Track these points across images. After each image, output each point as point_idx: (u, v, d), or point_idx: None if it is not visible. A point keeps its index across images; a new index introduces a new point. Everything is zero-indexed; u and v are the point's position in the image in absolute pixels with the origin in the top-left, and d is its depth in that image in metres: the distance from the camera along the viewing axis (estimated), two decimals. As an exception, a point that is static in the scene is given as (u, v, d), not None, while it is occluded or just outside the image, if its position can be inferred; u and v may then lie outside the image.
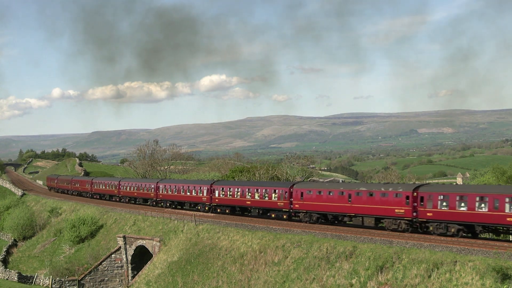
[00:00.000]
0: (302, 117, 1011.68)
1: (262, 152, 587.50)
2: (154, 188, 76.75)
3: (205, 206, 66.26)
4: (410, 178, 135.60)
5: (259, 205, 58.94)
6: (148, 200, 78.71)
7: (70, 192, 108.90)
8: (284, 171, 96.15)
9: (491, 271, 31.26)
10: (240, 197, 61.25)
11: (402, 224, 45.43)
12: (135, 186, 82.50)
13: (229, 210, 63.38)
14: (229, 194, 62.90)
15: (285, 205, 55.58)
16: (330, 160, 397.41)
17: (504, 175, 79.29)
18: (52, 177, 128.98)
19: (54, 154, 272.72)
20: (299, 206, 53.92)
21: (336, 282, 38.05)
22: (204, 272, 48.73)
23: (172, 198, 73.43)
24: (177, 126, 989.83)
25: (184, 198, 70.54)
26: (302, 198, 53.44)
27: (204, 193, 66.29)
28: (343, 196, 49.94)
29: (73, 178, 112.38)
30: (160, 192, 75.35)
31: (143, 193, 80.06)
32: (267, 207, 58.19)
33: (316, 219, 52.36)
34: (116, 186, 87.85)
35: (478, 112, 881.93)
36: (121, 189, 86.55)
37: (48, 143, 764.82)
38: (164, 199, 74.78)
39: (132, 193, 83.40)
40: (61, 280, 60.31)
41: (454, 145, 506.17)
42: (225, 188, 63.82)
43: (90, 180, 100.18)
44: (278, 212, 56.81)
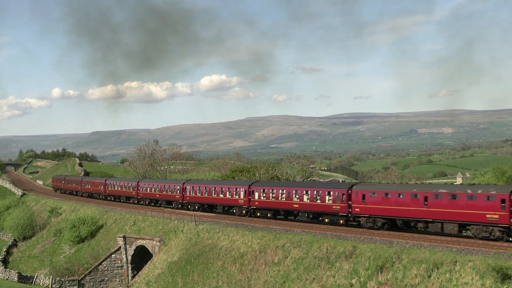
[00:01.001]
0: (302, 117, 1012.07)
1: (262, 152, 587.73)
2: (180, 190, 71.41)
3: (242, 209, 61.51)
4: (410, 178, 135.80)
5: (309, 209, 53.65)
6: (173, 203, 73.44)
7: (80, 193, 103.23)
8: (284, 171, 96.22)
9: (491, 271, 31.26)
10: (286, 200, 55.90)
11: (496, 231, 40.26)
12: (157, 188, 76.87)
13: (271, 214, 58.14)
14: (271, 197, 57.64)
15: (342, 209, 50.37)
16: (330, 160, 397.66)
17: (504, 175, 79.42)
18: (59, 177, 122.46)
19: (54, 154, 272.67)
20: (360, 210, 48.77)
21: (336, 282, 38.06)
22: (204, 272, 48.73)
23: (201, 201, 68.28)
24: (177, 126, 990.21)
25: (216, 201, 65.38)
26: (364, 201, 48.31)
27: (241, 195, 61.12)
28: (417, 199, 44.66)
29: (83, 179, 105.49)
30: (187, 194, 70.16)
31: (166, 194, 74.41)
32: (319, 211, 52.83)
33: (382, 225, 47.32)
34: (135, 187, 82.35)
35: (478, 112, 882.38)
36: (140, 190, 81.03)
37: (48, 143, 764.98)
38: (191, 201, 69.61)
39: (153, 194, 77.78)
40: (61, 280, 60.28)
41: (454, 145, 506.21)
42: (267, 189, 58.60)
43: (103, 181, 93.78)
44: (332, 217, 51.63)
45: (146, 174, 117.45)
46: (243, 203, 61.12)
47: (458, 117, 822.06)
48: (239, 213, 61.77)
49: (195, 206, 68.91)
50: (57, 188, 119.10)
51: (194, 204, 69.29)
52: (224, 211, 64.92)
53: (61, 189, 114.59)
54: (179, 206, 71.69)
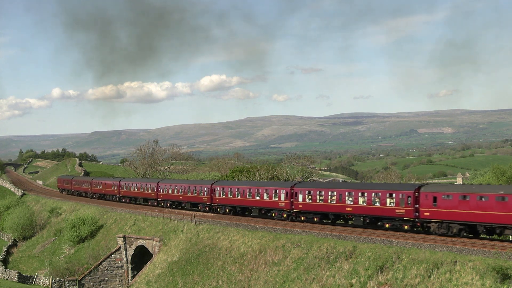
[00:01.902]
0: (302, 117, 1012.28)
1: (262, 152, 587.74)
2: (207, 191, 66.66)
3: (283, 213, 56.65)
4: (410, 178, 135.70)
5: (365, 213, 48.71)
6: (199, 205, 68.79)
7: (90, 195, 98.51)
8: (284, 171, 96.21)
9: (491, 271, 31.26)
10: (337, 203, 50.99)
11: None
12: (181, 189, 71.79)
13: (318, 218, 53.30)
14: (319, 199, 52.91)
15: (408, 213, 45.38)
16: (330, 160, 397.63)
17: (504, 175, 79.39)
18: (66, 178, 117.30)
19: (54, 154, 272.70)
20: (430, 215, 43.77)
21: (336, 282, 38.06)
22: (204, 272, 48.73)
23: (233, 203, 63.26)
24: (177, 126, 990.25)
25: (251, 203, 60.45)
26: (436, 205, 43.39)
27: (282, 197, 56.34)
28: (505, 202, 39.56)
29: (93, 179, 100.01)
30: (216, 196, 65.39)
31: (192, 196, 69.60)
32: (378, 215, 47.89)
33: (458, 231, 42.50)
34: (154, 188, 77.57)
35: (478, 112, 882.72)
36: (160, 191, 76.21)
37: (48, 143, 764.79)
38: (221, 203, 64.80)
39: (176, 196, 72.72)
40: (61, 280, 60.29)
41: (454, 145, 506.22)
42: (313, 191, 53.79)
43: (117, 182, 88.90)
44: (395, 222, 46.61)
45: (146, 174, 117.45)
46: (284, 206, 56.04)
47: (458, 117, 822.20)
48: (279, 217, 56.74)
49: (226, 209, 64.17)
50: (63, 189, 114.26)
51: (224, 207, 64.42)
52: (260, 215, 59.77)
53: (68, 190, 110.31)
54: (206, 209, 67.09)
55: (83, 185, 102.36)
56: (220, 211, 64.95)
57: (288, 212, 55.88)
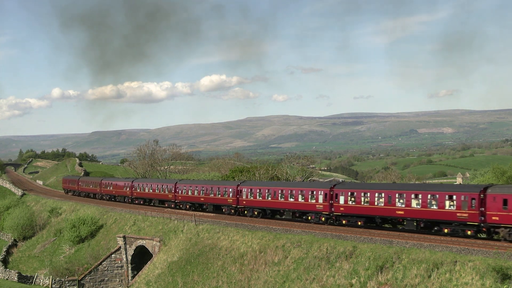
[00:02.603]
0: (302, 117, 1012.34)
1: (262, 152, 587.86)
2: (232, 192, 62.55)
3: (320, 216, 52.61)
4: (410, 178, 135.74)
5: (420, 216, 44.42)
6: (223, 207, 64.56)
7: (99, 196, 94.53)
8: (284, 171, 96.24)
9: (491, 271, 31.26)
10: (386, 205, 46.96)
11: None
12: (202, 190, 67.82)
13: (362, 221, 48.99)
14: (364, 201, 48.86)
15: (472, 217, 41.49)
16: (330, 160, 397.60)
17: (504, 175, 79.34)
18: (72, 178, 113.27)
19: (54, 154, 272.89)
20: (500, 219, 39.87)
21: (336, 282, 38.06)
22: (204, 272, 48.73)
23: (261, 205, 59.21)
24: (177, 126, 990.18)
25: (282, 205, 56.46)
26: (507, 208, 39.41)
27: (320, 199, 52.41)
28: None
29: (103, 180, 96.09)
30: (242, 198, 61.26)
31: (215, 198, 65.47)
32: (434, 219, 43.70)
33: None
34: (171, 189, 73.53)
35: (478, 112, 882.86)
36: (178, 192, 72.22)
37: (48, 143, 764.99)
38: (248, 205, 60.73)
39: (197, 198, 68.65)
40: (61, 280, 60.30)
41: (454, 145, 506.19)
42: (357, 193, 49.70)
43: (129, 183, 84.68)
44: (456, 226, 42.75)
45: (146, 174, 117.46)
46: (322, 209, 52.12)
47: (458, 117, 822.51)
48: (316, 221, 52.85)
49: (254, 211, 60.09)
50: (69, 190, 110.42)
51: (252, 209, 60.34)
52: (293, 218, 56.32)
53: (75, 191, 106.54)
54: (232, 211, 63.03)
55: (91, 185, 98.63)
56: (247, 214, 60.81)
57: (327, 215, 52.12)
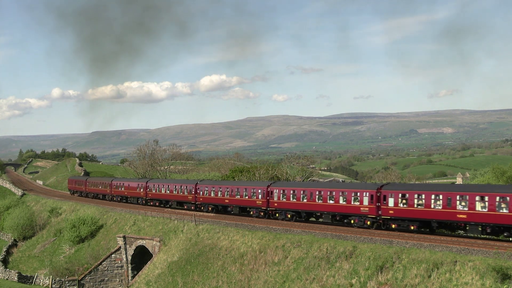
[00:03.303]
0: (302, 117, 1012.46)
1: (262, 152, 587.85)
2: (262, 194, 58.88)
3: (366, 219, 48.81)
4: (410, 178, 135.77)
5: (487, 221, 40.70)
6: (251, 209, 60.92)
7: (109, 197, 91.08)
8: (284, 171, 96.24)
9: (491, 271, 31.26)
10: (444, 208, 43.31)
11: None
12: (227, 191, 64.11)
13: (416, 226, 45.25)
14: (417, 204, 45.01)
15: None
16: (330, 160, 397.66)
17: (504, 175, 79.40)
18: (79, 178, 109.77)
19: (54, 154, 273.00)
20: None
21: (336, 282, 38.06)
22: (204, 272, 48.74)
23: (295, 208, 55.55)
24: (177, 126, 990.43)
25: (320, 208, 52.87)
26: None
27: (365, 201, 48.79)
28: None
29: (114, 181, 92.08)
30: (274, 199, 57.48)
31: (242, 200, 61.82)
32: (504, 224, 39.88)
33: None
34: (192, 190, 69.65)
35: (478, 112, 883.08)
36: (199, 193, 68.68)
37: (48, 143, 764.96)
38: (281, 208, 56.95)
39: (221, 199, 65.14)
40: (61, 280, 60.32)
41: (454, 145, 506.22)
42: (409, 194, 45.71)
43: (144, 183, 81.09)
44: None
45: (146, 174, 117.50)
46: (367, 212, 48.59)
47: (458, 117, 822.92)
48: (360, 225, 49.27)
49: (287, 214, 56.40)
50: (75, 191, 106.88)
51: (285, 212, 56.68)
52: (333, 221, 52.41)
53: (82, 192, 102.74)
54: (261, 214, 59.40)
55: (100, 186, 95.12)
56: (279, 217, 57.24)
57: (373, 218, 48.51)
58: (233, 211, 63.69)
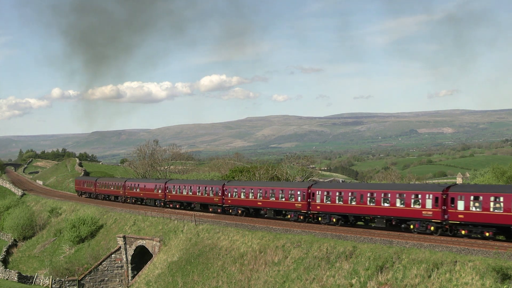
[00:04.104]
0: (302, 117, 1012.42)
1: (262, 152, 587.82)
2: (301, 196, 54.46)
3: (429, 224, 44.10)
4: (410, 178, 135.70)
5: None
6: (289, 212, 56.38)
7: (122, 198, 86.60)
8: (284, 171, 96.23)
9: (491, 271, 31.26)
10: None
11: None
12: (260, 192, 59.71)
13: (491, 232, 40.61)
14: (493, 207, 40.19)
15: None
16: (330, 160, 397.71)
17: (504, 175, 79.41)
18: (88, 179, 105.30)
19: (54, 154, 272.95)
20: None
21: (336, 282, 38.06)
22: (204, 272, 48.75)
23: (342, 211, 50.81)
24: (177, 126, 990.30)
25: (373, 211, 48.19)
26: None
27: (427, 204, 44.00)
28: None
29: (127, 181, 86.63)
30: (316, 202, 52.91)
31: (277, 202, 57.27)
32: None
33: None
34: (218, 192, 65.19)
35: (478, 112, 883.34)
36: (227, 195, 63.97)
37: (48, 143, 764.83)
38: (324, 211, 52.29)
39: (253, 201, 60.33)
40: (61, 280, 60.32)
41: (454, 145, 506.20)
42: (483, 197, 40.96)
43: (162, 184, 75.95)
44: None
45: (146, 174, 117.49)
46: (431, 216, 43.79)
47: (458, 117, 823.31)
48: (422, 230, 44.38)
49: (331, 217, 51.63)
50: (84, 192, 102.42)
51: (329, 216, 51.84)
52: (388, 227, 47.60)
53: (91, 194, 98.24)
54: (300, 217, 54.95)
55: (112, 187, 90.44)
56: (322, 221, 52.66)
57: (438, 223, 43.77)
58: (267, 214, 59.16)
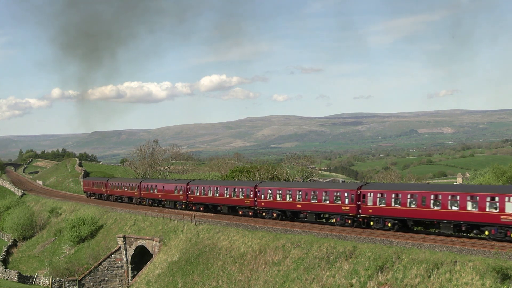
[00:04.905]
0: (302, 117, 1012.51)
1: (262, 152, 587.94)
2: (350, 198, 50.20)
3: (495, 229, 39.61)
4: (410, 178, 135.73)
5: None
6: (334, 216, 52.33)
7: (137, 200, 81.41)
8: (284, 171, 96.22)
9: (491, 271, 31.25)
10: None
11: None
12: (299, 194, 55.18)
13: None
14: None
15: None
16: (330, 160, 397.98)
17: (504, 175, 79.48)
18: (98, 180, 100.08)
19: (54, 154, 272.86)
20: None
21: (336, 282, 38.05)
22: (204, 272, 48.74)
23: (399, 214, 45.87)
24: (177, 126, 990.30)
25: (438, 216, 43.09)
26: None
27: (507, 207, 39.09)
28: None
29: (143, 182, 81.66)
30: (367, 205, 48.47)
31: (319, 205, 52.79)
32: None
33: None
34: (249, 193, 60.36)
35: (478, 112, 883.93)
36: (259, 197, 59.31)
37: (48, 143, 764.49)
38: (377, 215, 47.61)
39: (291, 204, 55.64)
40: (61, 280, 60.30)
41: (454, 145, 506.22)
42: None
43: (185, 185, 70.75)
44: None
45: (146, 174, 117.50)
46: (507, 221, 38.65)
47: (458, 117, 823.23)
48: (500, 237, 39.53)
49: (386, 222, 47.12)
50: (93, 193, 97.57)
51: (383, 220, 47.17)
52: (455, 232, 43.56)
53: (102, 195, 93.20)
54: (348, 222, 50.47)
55: (125, 188, 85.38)
56: (374, 226, 47.91)
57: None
58: (307, 218, 54.71)
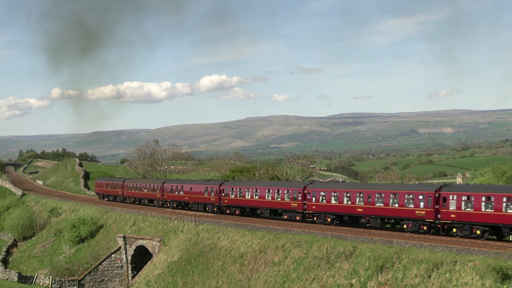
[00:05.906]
0: (302, 117, 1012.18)
1: (262, 152, 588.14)
2: (427, 201, 43.70)
3: None
4: (410, 178, 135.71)
5: None
6: (407, 222, 45.43)
7: (159, 202, 75.90)
8: (284, 171, 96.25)
9: (491, 271, 31.27)
10: None
11: None
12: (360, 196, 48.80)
13: None
14: None
15: None
16: (330, 160, 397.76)
17: (504, 175, 79.50)
18: (113, 180, 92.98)
19: (54, 154, 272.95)
20: None
21: (336, 282, 38.06)
22: (204, 272, 48.74)
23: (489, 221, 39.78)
24: (177, 126, 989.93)
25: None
26: None
27: None
28: None
29: (166, 183, 75.74)
30: (449, 209, 41.89)
31: (386, 208, 46.46)
32: None
33: None
34: (297, 196, 54.54)
35: (478, 112, 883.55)
36: (309, 199, 53.27)
37: (48, 143, 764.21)
38: (461, 220, 41.25)
39: (351, 208, 49.62)
40: (61, 280, 60.31)
41: (454, 145, 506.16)
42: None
43: (217, 187, 64.73)
44: None
45: (146, 174, 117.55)
46: None
47: (458, 117, 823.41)
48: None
49: (473, 229, 40.68)
50: (107, 194, 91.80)
51: (469, 226, 40.89)
52: None
53: (117, 197, 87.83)
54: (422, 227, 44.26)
55: (144, 190, 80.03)
56: (457, 233, 41.57)
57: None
58: (369, 223, 48.37)
